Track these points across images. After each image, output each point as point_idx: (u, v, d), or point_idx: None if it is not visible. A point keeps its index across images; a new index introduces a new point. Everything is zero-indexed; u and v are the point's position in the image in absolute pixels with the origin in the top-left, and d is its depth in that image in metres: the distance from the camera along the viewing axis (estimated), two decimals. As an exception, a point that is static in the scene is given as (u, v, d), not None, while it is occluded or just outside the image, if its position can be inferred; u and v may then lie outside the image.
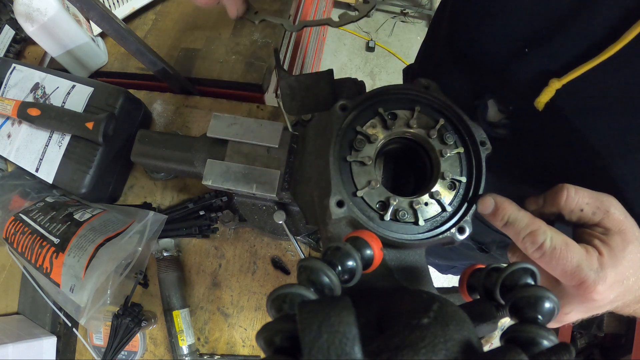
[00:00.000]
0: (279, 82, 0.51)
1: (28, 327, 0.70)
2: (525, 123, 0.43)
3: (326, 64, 2.26)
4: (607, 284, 0.30)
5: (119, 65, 0.85)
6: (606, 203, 0.32)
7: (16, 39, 0.88)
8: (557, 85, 0.36)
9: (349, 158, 0.37)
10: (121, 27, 0.59)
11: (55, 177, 0.65)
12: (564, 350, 0.19)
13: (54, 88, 0.69)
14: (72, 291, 0.57)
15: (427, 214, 0.36)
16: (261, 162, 0.51)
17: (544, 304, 0.22)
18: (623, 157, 0.37)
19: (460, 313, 0.22)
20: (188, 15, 0.88)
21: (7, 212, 0.67)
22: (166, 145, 0.59)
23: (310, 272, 0.23)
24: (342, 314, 0.17)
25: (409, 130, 0.39)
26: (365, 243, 0.27)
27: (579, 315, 0.33)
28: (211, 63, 0.82)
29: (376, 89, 0.40)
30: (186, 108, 0.77)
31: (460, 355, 0.19)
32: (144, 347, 0.69)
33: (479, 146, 0.38)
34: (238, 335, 0.68)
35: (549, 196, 0.34)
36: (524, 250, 0.32)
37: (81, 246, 0.59)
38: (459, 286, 0.32)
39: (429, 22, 2.38)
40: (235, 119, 0.53)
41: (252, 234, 0.70)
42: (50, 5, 0.69)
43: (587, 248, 0.31)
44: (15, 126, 0.69)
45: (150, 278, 0.71)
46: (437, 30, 0.58)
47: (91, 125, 0.62)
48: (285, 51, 1.02)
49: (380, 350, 0.19)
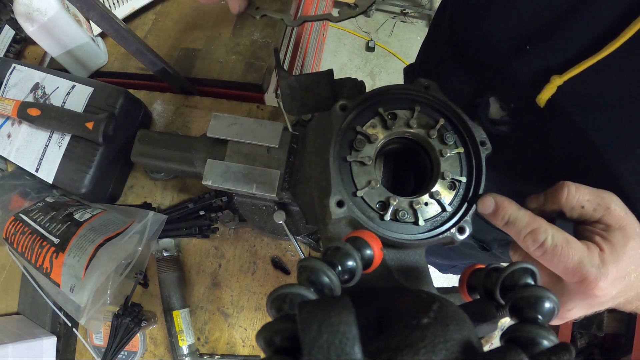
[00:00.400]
0: (279, 82, 0.51)
1: (28, 327, 0.70)
2: (527, 120, 0.43)
3: (326, 64, 2.26)
4: (609, 279, 0.30)
5: (119, 65, 0.85)
6: (607, 200, 0.32)
7: (16, 39, 0.88)
8: (558, 82, 0.36)
9: (349, 158, 0.37)
10: (121, 27, 0.59)
11: (55, 177, 0.65)
12: (564, 350, 0.19)
13: (54, 88, 0.69)
14: (72, 291, 0.57)
15: (427, 214, 0.36)
16: (261, 162, 0.51)
17: (544, 304, 0.22)
18: (624, 154, 0.38)
19: (460, 313, 0.22)
20: (188, 15, 0.88)
21: (7, 212, 0.67)
22: (166, 145, 0.59)
23: (310, 272, 0.23)
24: (342, 314, 0.17)
25: (409, 130, 0.38)
26: (365, 243, 0.27)
27: (582, 311, 0.33)
28: (211, 63, 0.82)
29: (376, 89, 0.40)
30: (186, 108, 0.77)
31: (460, 355, 0.19)
32: (144, 347, 0.69)
33: (479, 146, 0.38)
34: (238, 335, 0.68)
35: (550, 194, 0.34)
36: (526, 248, 0.32)
37: (81, 246, 0.59)
38: (459, 286, 0.32)
39: (429, 22, 2.38)
40: (235, 119, 0.53)
41: (252, 234, 0.70)
42: (50, 5, 0.69)
43: (588, 245, 0.31)
44: (15, 126, 0.69)
45: (150, 278, 0.71)
46: (438, 29, 0.58)
47: (91, 125, 0.62)
48: (285, 51, 1.02)
49: (380, 350, 0.19)
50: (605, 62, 0.34)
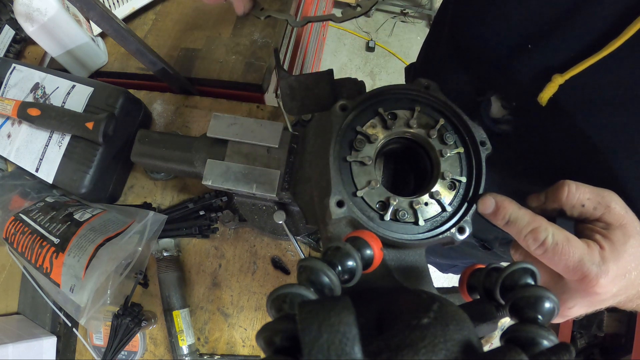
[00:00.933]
0: (279, 82, 0.51)
1: (28, 327, 0.70)
2: (528, 119, 0.43)
3: (326, 64, 2.26)
4: (610, 277, 0.30)
5: (119, 65, 0.85)
6: (607, 198, 0.32)
7: (16, 39, 0.88)
8: (559, 81, 0.36)
9: (349, 158, 0.37)
10: (121, 27, 0.59)
11: (55, 177, 0.65)
12: (564, 350, 0.19)
13: (54, 88, 0.69)
14: (72, 291, 0.57)
15: (427, 214, 0.36)
16: (261, 162, 0.51)
17: (544, 303, 0.22)
18: (625, 153, 0.38)
19: (460, 313, 0.22)
20: (188, 15, 0.88)
21: (7, 212, 0.67)
22: (166, 145, 0.59)
23: (310, 272, 0.23)
24: (342, 314, 0.17)
25: (409, 130, 0.38)
26: (365, 243, 0.27)
27: (582, 309, 0.34)
28: (211, 63, 0.82)
29: (376, 89, 0.40)
30: (186, 108, 0.77)
31: (461, 355, 0.19)
32: (144, 347, 0.69)
33: (479, 146, 0.38)
34: (238, 335, 0.68)
35: (551, 193, 0.34)
36: (526, 247, 0.32)
37: (81, 246, 0.59)
38: (459, 286, 0.32)
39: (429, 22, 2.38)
40: (235, 119, 0.53)
41: (252, 234, 0.70)
42: (50, 5, 0.69)
43: (588, 243, 0.31)
44: (15, 126, 0.69)
45: (150, 278, 0.71)
46: (439, 28, 0.58)
47: (91, 125, 0.62)
48: (285, 51, 1.02)
49: (380, 350, 0.19)
50: (606, 61, 0.34)
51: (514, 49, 0.41)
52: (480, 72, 0.47)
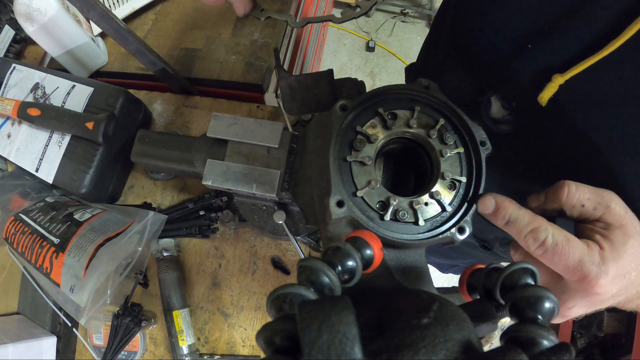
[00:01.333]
0: (279, 82, 0.51)
1: (28, 327, 0.70)
2: (528, 119, 0.43)
3: (326, 64, 2.26)
4: (609, 277, 0.30)
5: (119, 65, 0.85)
6: (607, 198, 0.32)
7: (16, 39, 0.88)
8: (560, 81, 0.36)
9: (349, 158, 0.37)
10: (121, 27, 0.59)
11: (55, 177, 0.65)
12: (564, 350, 0.19)
13: (54, 88, 0.69)
14: (72, 291, 0.57)
15: (427, 214, 0.36)
16: (261, 162, 0.51)
17: (544, 303, 0.22)
18: (625, 153, 0.38)
19: (460, 313, 0.22)
20: (188, 15, 0.88)
21: (7, 212, 0.67)
22: (166, 145, 0.59)
23: (310, 272, 0.23)
24: (342, 314, 0.17)
25: (409, 130, 0.38)
26: (365, 243, 0.27)
27: (582, 310, 0.34)
28: (211, 63, 0.82)
29: (376, 89, 0.40)
30: (186, 108, 0.77)
31: (461, 355, 0.19)
32: (144, 347, 0.69)
33: (479, 146, 0.38)
34: (238, 335, 0.68)
35: (550, 193, 0.34)
36: (526, 248, 0.32)
37: (81, 246, 0.59)
38: (459, 286, 0.32)
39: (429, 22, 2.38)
40: (235, 119, 0.53)
41: (252, 234, 0.70)
42: (50, 5, 0.69)
43: (588, 243, 0.31)
44: (15, 126, 0.69)
45: (150, 278, 0.71)
46: (440, 28, 0.58)
47: (91, 125, 0.62)
48: (285, 51, 1.02)
49: (380, 350, 0.19)
50: (606, 61, 0.34)
51: (514, 49, 0.41)
52: (480, 72, 0.47)
